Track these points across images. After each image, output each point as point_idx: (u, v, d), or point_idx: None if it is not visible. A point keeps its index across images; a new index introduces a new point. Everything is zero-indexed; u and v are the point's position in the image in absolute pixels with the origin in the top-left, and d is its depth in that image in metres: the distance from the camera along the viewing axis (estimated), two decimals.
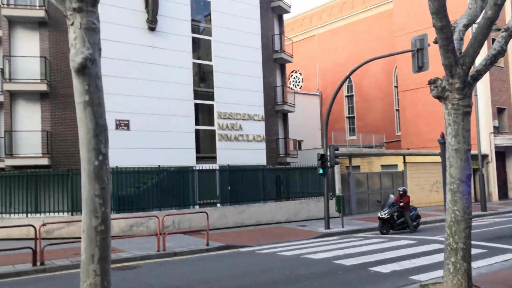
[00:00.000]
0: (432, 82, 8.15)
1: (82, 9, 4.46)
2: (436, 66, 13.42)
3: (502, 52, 7.97)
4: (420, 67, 15.88)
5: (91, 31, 4.57)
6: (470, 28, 11.55)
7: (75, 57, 4.51)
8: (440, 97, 7.91)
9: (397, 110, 36.59)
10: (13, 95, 20.17)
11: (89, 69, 4.58)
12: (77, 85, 4.59)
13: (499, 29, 20.25)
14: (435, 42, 7.48)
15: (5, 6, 20.08)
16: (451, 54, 7.35)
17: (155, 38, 20.88)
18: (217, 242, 14.18)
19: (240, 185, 19.72)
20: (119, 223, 16.13)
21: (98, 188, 4.45)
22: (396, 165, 27.48)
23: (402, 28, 33.10)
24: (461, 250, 7.14)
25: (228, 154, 22.42)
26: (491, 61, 7.92)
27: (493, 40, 27.59)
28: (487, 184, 28.67)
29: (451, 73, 7.53)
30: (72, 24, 4.53)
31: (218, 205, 19.20)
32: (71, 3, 4.45)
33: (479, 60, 13.38)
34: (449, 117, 7.75)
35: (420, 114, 32.24)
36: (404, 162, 25.74)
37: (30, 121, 20.03)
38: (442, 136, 17.31)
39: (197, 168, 19.69)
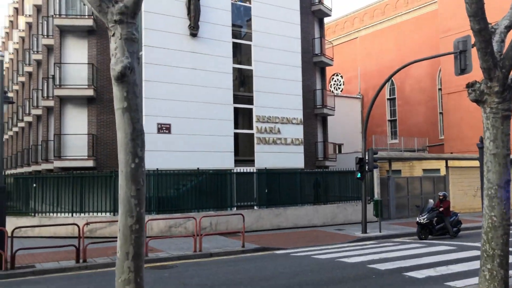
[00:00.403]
0: (470, 86, 8.01)
1: (123, 21, 4.73)
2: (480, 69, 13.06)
3: None
4: (462, 70, 15.45)
5: (131, 41, 4.84)
6: None
7: (115, 66, 4.78)
8: (479, 101, 7.77)
9: (441, 113, 35.62)
10: (62, 100, 21.26)
11: (128, 77, 4.82)
12: (117, 92, 4.86)
13: None
14: (474, 45, 7.37)
15: (57, 16, 21.23)
16: (489, 57, 7.21)
17: (196, 43, 21.37)
18: (253, 244, 14.38)
19: (277, 188, 19.85)
20: (158, 223, 16.65)
21: (134, 189, 4.71)
22: (438, 170, 26.76)
23: (447, 29, 32.21)
24: (498, 256, 6.96)
25: (266, 157, 22.60)
26: None
27: None
28: None
29: (489, 76, 7.39)
30: (113, 35, 4.82)
31: (255, 207, 19.40)
32: (112, 15, 4.73)
33: None
34: (487, 121, 7.59)
35: (464, 117, 31.25)
36: (447, 167, 25.03)
37: (77, 124, 21.06)
38: (481, 140, 16.81)
39: (235, 171, 19.99)
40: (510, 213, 7.42)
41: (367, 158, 17.42)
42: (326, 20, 33.85)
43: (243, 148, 22.98)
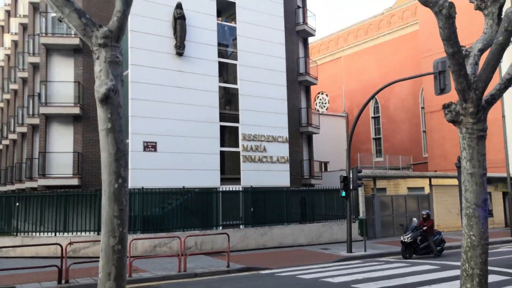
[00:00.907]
0: (446, 107, 8.23)
1: (107, 44, 4.86)
2: None
3: None
4: (442, 89, 15.91)
5: (115, 64, 4.96)
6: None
7: (100, 88, 4.88)
8: (455, 121, 7.95)
9: (424, 131, 36.21)
10: (48, 118, 21.18)
11: (112, 98, 4.92)
12: (101, 114, 4.96)
13: None
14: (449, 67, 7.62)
15: (44, 35, 21.31)
16: (463, 79, 7.42)
17: (182, 62, 21.56)
18: (237, 263, 14.35)
19: (263, 206, 19.90)
20: (143, 243, 16.53)
21: (117, 209, 4.76)
22: (423, 188, 27.09)
23: (428, 49, 33.02)
24: (477, 276, 7.06)
25: (252, 176, 22.68)
26: (505, 86, 7.96)
27: None
28: None
29: (464, 97, 7.59)
30: (97, 58, 4.94)
31: (241, 226, 19.39)
32: (97, 39, 4.86)
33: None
34: (463, 141, 7.75)
35: (446, 136, 31.82)
36: (430, 185, 25.37)
37: (62, 142, 20.96)
38: (459, 160, 17.17)
39: (221, 189, 20.01)
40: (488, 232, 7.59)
41: (351, 176, 17.62)
42: (311, 39, 34.45)
43: (229, 166, 23.05)
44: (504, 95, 23.58)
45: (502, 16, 7.03)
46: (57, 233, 17.03)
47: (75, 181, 20.28)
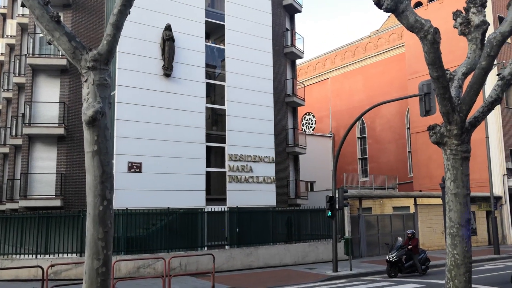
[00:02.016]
0: (431, 129, 8.39)
1: (96, 67, 4.90)
2: None
3: (498, 100, 8.20)
4: (427, 111, 16.19)
5: (103, 86, 4.99)
6: None
7: (87, 111, 4.90)
8: (439, 143, 8.11)
9: (410, 151, 36.64)
10: (32, 139, 20.92)
11: (99, 121, 4.93)
12: (87, 136, 4.95)
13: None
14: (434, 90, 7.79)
15: (30, 55, 21.21)
16: (447, 102, 7.60)
17: (170, 83, 21.60)
18: (223, 284, 14.18)
19: (249, 227, 19.79)
20: (126, 264, 16.26)
21: (102, 231, 4.73)
22: (408, 207, 27.27)
23: (414, 71, 33.65)
24: None
25: (238, 196, 22.60)
26: (488, 108, 8.16)
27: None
28: (501, 226, 28.17)
29: (448, 120, 7.76)
30: (86, 81, 4.97)
31: (226, 247, 19.23)
32: (86, 62, 4.90)
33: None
34: (448, 162, 7.90)
35: (432, 156, 32.22)
36: (415, 204, 25.56)
37: (45, 163, 20.67)
38: (443, 180, 17.40)
39: (206, 209, 19.88)
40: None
41: (337, 196, 17.69)
42: (298, 61, 34.86)
43: (215, 186, 22.95)
44: (488, 117, 24.11)
45: (485, 42, 7.26)
46: (38, 255, 16.63)
47: (57, 202, 19.95)
